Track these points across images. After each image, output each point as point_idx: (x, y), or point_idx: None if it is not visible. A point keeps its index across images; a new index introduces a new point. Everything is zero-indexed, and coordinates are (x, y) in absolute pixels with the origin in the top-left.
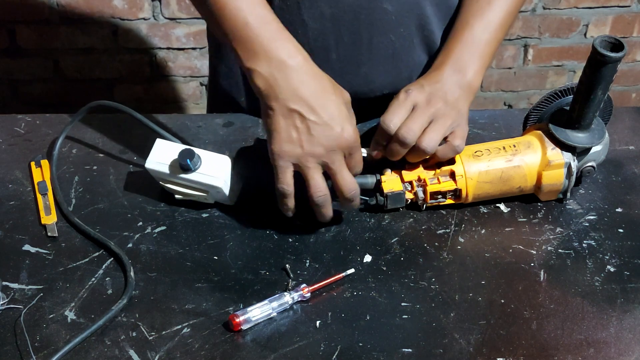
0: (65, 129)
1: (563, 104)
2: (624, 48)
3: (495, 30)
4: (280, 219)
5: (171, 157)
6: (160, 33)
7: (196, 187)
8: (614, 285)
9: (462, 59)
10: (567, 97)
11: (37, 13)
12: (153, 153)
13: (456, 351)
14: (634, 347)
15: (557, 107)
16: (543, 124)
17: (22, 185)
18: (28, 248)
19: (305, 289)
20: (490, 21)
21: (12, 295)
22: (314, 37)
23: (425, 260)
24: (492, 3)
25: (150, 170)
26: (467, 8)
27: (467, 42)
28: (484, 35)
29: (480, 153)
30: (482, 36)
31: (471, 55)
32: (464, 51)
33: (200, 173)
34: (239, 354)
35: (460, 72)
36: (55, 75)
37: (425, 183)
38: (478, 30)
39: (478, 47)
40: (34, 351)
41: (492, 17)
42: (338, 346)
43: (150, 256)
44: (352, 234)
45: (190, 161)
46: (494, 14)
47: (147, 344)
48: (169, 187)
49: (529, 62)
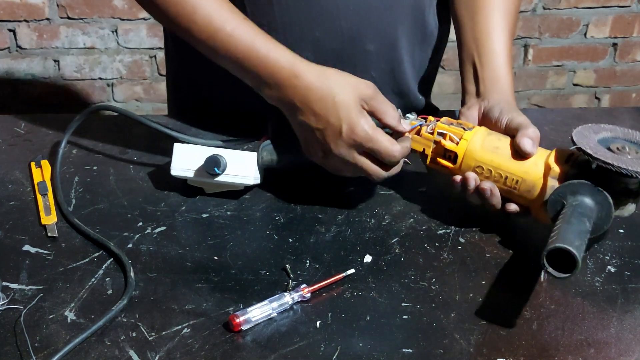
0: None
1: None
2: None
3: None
4: (280, 220)
5: (195, 162)
6: (160, 33)
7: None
8: (614, 285)
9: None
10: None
11: (37, 13)
12: (175, 159)
13: (456, 351)
14: (634, 347)
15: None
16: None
17: (22, 185)
18: (28, 248)
19: (305, 289)
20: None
21: (12, 296)
22: None
23: (425, 260)
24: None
25: (177, 176)
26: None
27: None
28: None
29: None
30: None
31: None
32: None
33: (229, 174)
34: (239, 354)
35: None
36: (55, 75)
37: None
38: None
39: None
40: (34, 351)
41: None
42: (338, 346)
43: (150, 256)
44: (352, 234)
45: (217, 168)
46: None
47: (147, 344)
48: (198, 185)
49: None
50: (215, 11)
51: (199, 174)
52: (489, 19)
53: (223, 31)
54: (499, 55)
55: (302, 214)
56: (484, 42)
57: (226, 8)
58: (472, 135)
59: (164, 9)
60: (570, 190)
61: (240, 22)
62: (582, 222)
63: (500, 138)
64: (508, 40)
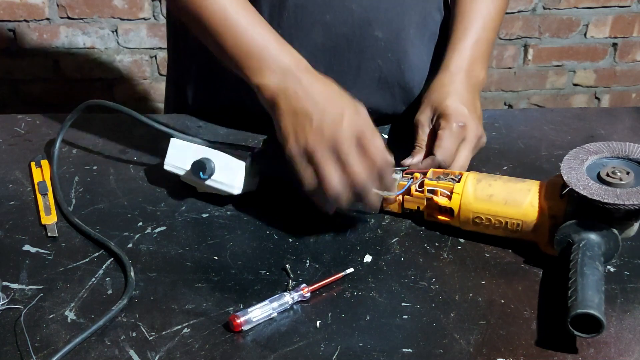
0: (63, 128)
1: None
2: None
3: (489, 29)
4: (280, 219)
5: (187, 160)
6: (160, 33)
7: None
8: (613, 285)
9: (468, 58)
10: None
11: (37, 13)
12: (169, 154)
13: (456, 351)
14: (634, 347)
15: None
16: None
17: (22, 185)
18: (28, 248)
19: (305, 289)
20: (484, 23)
21: (12, 295)
22: None
23: (425, 260)
24: (478, 8)
25: (169, 171)
26: (459, 17)
27: (470, 44)
28: (483, 34)
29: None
30: (482, 35)
31: (475, 54)
32: (469, 52)
33: (214, 180)
34: (239, 354)
35: (470, 71)
36: (55, 75)
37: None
38: (476, 31)
39: (480, 46)
40: (34, 351)
41: (484, 19)
42: (338, 346)
43: (150, 256)
44: (352, 234)
45: (203, 173)
46: (485, 17)
47: (147, 344)
48: (189, 183)
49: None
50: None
51: (189, 174)
52: (469, 5)
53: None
54: (461, 37)
55: (302, 214)
56: (454, 29)
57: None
58: (463, 187)
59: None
60: (574, 229)
61: (256, 20)
62: (594, 268)
63: (491, 183)
64: (481, 22)
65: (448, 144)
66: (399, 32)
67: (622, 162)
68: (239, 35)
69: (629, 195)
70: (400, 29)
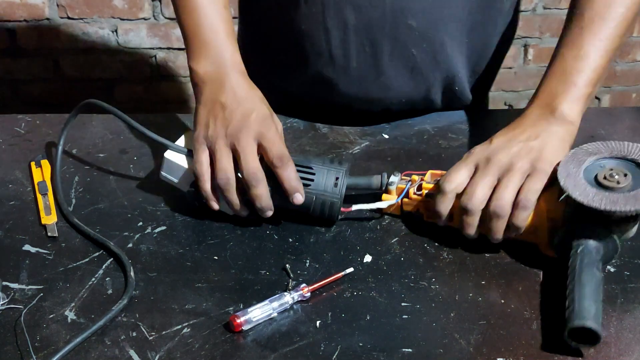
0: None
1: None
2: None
3: (615, 45)
4: (280, 220)
5: (180, 172)
6: (160, 33)
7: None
8: (614, 285)
9: (551, 90)
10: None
11: (37, 13)
12: (165, 167)
13: (456, 351)
14: (634, 347)
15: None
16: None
17: (22, 185)
18: (28, 248)
19: (305, 288)
20: (585, 48)
21: (12, 295)
22: (335, 45)
23: (425, 260)
24: (587, 27)
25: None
26: (563, 36)
27: (557, 73)
28: (575, 64)
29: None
30: (574, 65)
31: (560, 84)
32: (553, 82)
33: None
34: (239, 353)
35: (548, 105)
36: (55, 75)
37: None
38: (569, 59)
39: (569, 76)
40: (34, 351)
41: (585, 43)
42: (338, 346)
43: (150, 256)
44: (352, 234)
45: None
46: (618, 22)
47: (147, 344)
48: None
49: (530, 62)
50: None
51: (182, 186)
52: (580, 27)
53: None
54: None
55: (302, 214)
56: (557, 54)
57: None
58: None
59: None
60: (571, 234)
61: (217, 10)
62: (592, 275)
63: None
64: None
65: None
66: (436, 24)
67: (620, 163)
68: (195, 16)
69: (626, 200)
70: (438, 20)
